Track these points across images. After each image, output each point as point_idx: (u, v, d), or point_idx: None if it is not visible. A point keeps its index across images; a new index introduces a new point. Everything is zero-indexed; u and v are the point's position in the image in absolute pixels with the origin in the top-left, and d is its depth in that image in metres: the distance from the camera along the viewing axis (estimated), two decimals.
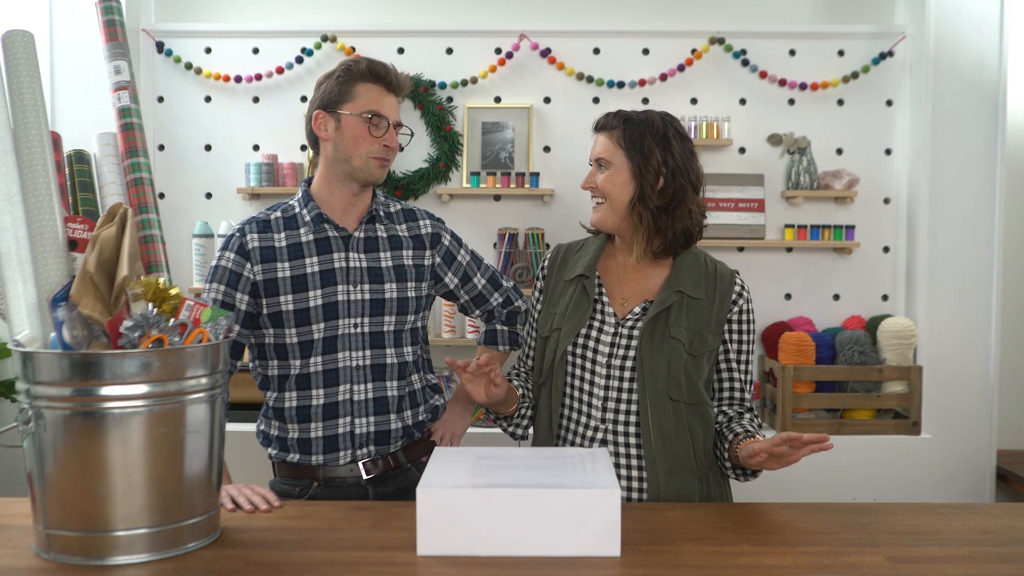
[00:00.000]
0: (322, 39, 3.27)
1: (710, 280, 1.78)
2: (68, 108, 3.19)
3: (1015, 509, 1.61)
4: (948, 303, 3.21)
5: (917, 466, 3.11)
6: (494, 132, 3.29)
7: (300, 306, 1.80)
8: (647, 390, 1.71)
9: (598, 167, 1.79)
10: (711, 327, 1.75)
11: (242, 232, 1.84)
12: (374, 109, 1.80)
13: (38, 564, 1.31)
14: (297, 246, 1.83)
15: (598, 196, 1.79)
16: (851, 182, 3.24)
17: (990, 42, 3.17)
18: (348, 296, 1.82)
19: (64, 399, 1.29)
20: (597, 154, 1.79)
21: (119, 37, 2.01)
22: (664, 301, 1.73)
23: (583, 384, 1.76)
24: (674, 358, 1.71)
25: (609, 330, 1.76)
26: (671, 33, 3.28)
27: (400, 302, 1.86)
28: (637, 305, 1.77)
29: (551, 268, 1.89)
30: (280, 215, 1.86)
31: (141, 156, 1.88)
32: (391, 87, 1.83)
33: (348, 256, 1.83)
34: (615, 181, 1.76)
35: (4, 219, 1.43)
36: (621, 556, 1.34)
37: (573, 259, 1.87)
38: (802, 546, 1.40)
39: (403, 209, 1.96)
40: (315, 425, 1.82)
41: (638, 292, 1.80)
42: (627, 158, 1.76)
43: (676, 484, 1.72)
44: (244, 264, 1.81)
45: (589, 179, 1.80)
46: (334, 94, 1.81)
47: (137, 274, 1.41)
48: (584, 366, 1.76)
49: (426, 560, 1.32)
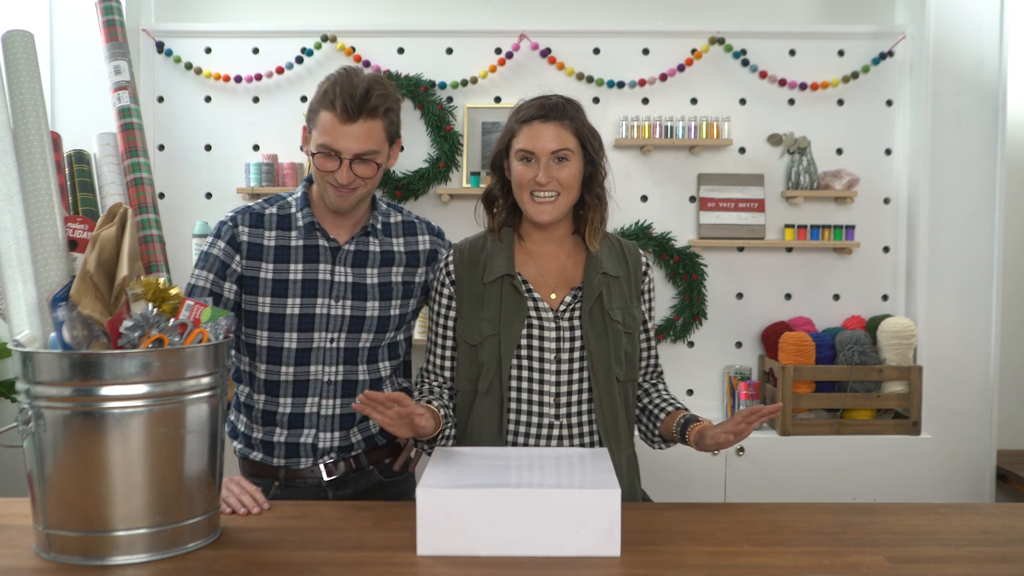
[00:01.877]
0: (322, 39, 3.27)
1: (622, 256, 1.81)
2: (68, 108, 3.19)
3: (1015, 509, 1.61)
4: (948, 303, 3.21)
5: (917, 466, 3.11)
6: (494, 132, 3.29)
7: (277, 311, 1.76)
8: (599, 376, 1.71)
9: (555, 160, 1.70)
10: (633, 302, 1.79)
11: (235, 222, 1.78)
12: (325, 142, 1.67)
13: (38, 564, 1.31)
14: (285, 249, 1.77)
15: (551, 190, 1.70)
16: (851, 182, 3.24)
17: (990, 42, 3.17)
18: (328, 310, 1.77)
19: (64, 399, 1.29)
20: (557, 146, 1.69)
21: (119, 37, 2.01)
22: (595, 286, 1.73)
23: (532, 384, 1.72)
24: (616, 340, 1.73)
25: (550, 325, 1.73)
26: (671, 33, 3.28)
27: (381, 320, 1.81)
28: (567, 294, 1.75)
29: (459, 272, 1.78)
30: (275, 211, 1.80)
31: (141, 156, 1.88)
32: (347, 116, 1.65)
33: (334, 269, 1.78)
34: (574, 172, 1.72)
35: (4, 219, 1.43)
36: (621, 556, 1.34)
37: (482, 259, 1.77)
38: (802, 546, 1.40)
39: (404, 221, 1.88)
40: (280, 431, 1.80)
41: (563, 281, 1.77)
42: (581, 146, 1.73)
43: (625, 462, 1.76)
44: (233, 256, 1.77)
45: (546, 174, 1.69)
46: (310, 111, 1.72)
47: (137, 274, 1.41)
48: (531, 366, 1.72)
49: (426, 560, 1.32)
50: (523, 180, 1.71)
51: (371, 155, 1.69)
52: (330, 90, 1.66)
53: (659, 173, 3.32)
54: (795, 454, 3.05)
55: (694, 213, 3.34)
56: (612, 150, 3.30)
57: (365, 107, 1.65)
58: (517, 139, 1.72)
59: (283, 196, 1.84)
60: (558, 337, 1.73)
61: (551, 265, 1.78)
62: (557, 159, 1.70)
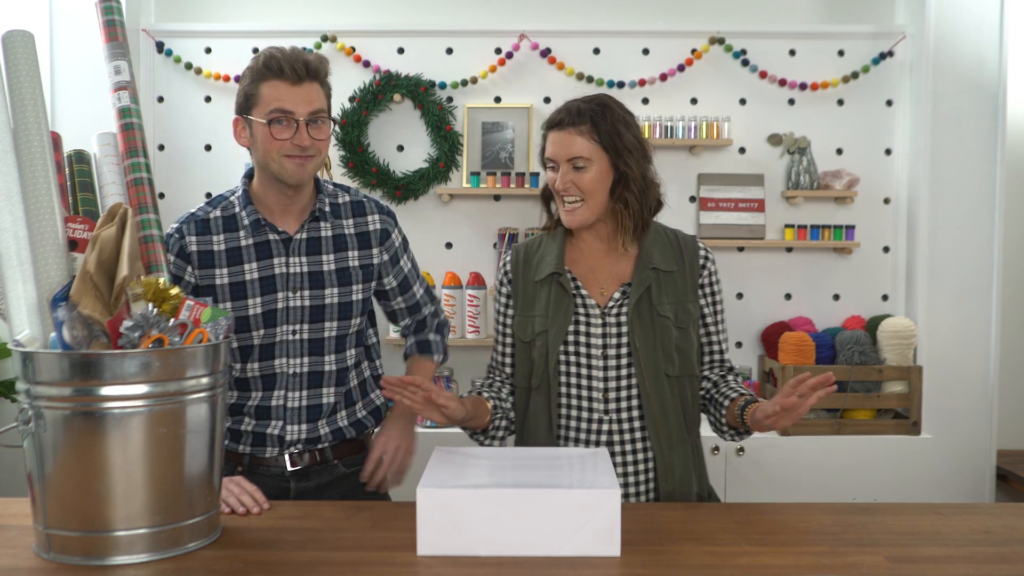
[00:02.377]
0: (322, 39, 3.27)
1: (676, 250, 1.81)
2: (68, 108, 3.19)
3: (1015, 509, 1.61)
4: (948, 303, 3.21)
5: (917, 466, 3.11)
6: (494, 132, 3.29)
7: (239, 314, 1.75)
8: (645, 372, 1.72)
9: (572, 168, 1.73)
10: (689, 296, 1.78)
11: (180, 233, 1.78)
12: (278, 107, 1.67)
13: (38, 564, 1.31)
14: (236, 251, 1.76)
15: (575, 196, 1.74)
16: (851, 182, 3.24)
17: (990, 42, 3.17)
18: (288, 303, 1.77)
19: (64, 399, 1.29)
20: (572, 154, 1.72)
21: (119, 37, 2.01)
22: (643, 282, 1.75)
23: (580, 380, 1.76)
24: (665, 335, 1.73)
25: (596, 322, 1.75)
26: (671, 33, 3.28)
27: (342, 307, 1.80)
28: (616, 291, 1.77)
29: (515, 272, 1.84)
30: (220, 214, 1.79)
31: (141, 156, 1.87)
32: (296, 76, 1.67)
33: (288, 261, 1.77)
34: (595, 178, 1.73)
35: (4, 219, 1.43)
36: (621, 556, 1.34)
37: (536, 259, 1.83)
38: (802, 546, 1.40)
39: (352, 201, 1.86)
40: (248, 420, 1.80)
41: (612, 278, 1.79)
42: (604, 151, 1.73)
43: (679, 457, 1.75)
44: (184, 268, 1.76)
45: (564, 181, 1.73)
46: (243, 98, 1.72)
47: (137, 274, 1.41)
48: (579, 363, 1.75)
49: (426, 560, 1.32)
50: (552, 185, 1.77)
51: (322, 115, 1.71)
52: (270, 61, 1.68)
53: (659, 173, 3.29)
54: (795, 454, 3.05)
55: (694, 213, 3.34)
56: None
57: (310, 68, 1.69)
58: (544, 147, 1.78)
59: (225, 196, 1.83)
60: (604, 334, 1.75)
61: (602, 262, 1.81)
62: (574, 167, 1.73)
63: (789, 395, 1.55)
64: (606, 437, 1.74)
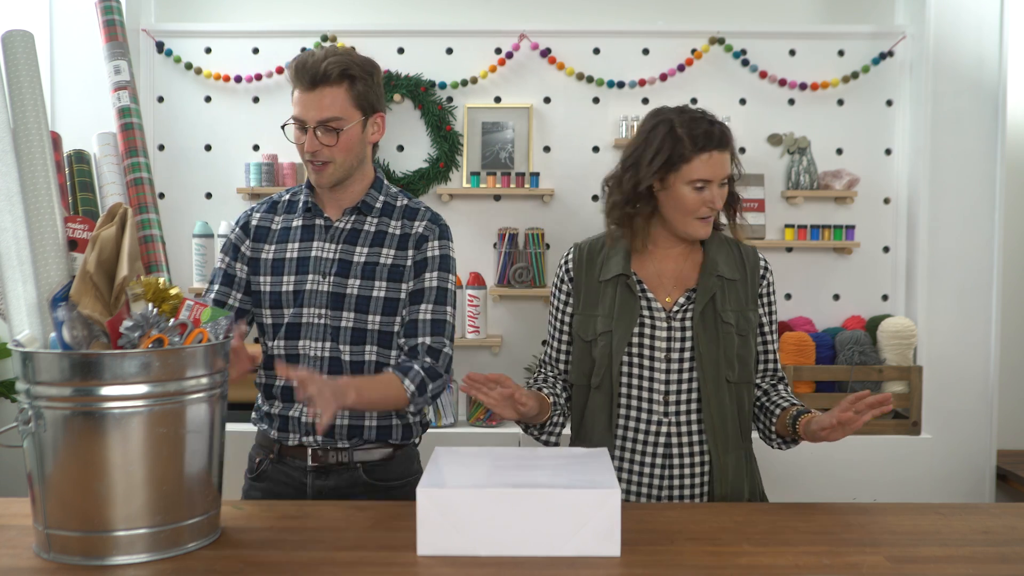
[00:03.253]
0: (322, 39, 3.27)
1: (739, 259, 1.85)
2: (68, 108, 3.19)
3: (1015, 509, 1.61)
4: (948, 303, 3.20)
5: (917, 466, 3.11)
6: (494, 132, 3.29)
7: (275, 289, 1.82)
8: (707, 377, 1.75)
9: (719, 185, 1.77)
10: (750, 304, 1.81)
11: (251, 210, 1.91)
12: (294, 113, 1.76)
13: (38, 564, 1.31)
14: (287, 230, 1.86)
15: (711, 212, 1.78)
16: (851, 182, 3.24)
17: (990, 42, 3.17)
18: (316, 286, 1.80)
19: (64, 399, 1.29)
20: (724, 174, 1.77)
21: (119, 37, 2.01)
22: (709, 288, 1.78)
23: (642, 382, 1.77)
24: (727, 342, 1.76)
25: (662, 325, 1.78)
26: (671, 33, 3.28)
27: (360, 300, 1.79)
28: (681, 295, 1.80)
29: (578, 270, 1.86)
30: (288, 198, 1.91)
31: (141, 156, 1.88)
32: (307, 83, 1.72)
33: (324, 246, 1.82)
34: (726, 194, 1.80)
35: (4, 219, 1.43)
36: (621, 556, 1.34)
37: (600, 259, 1.85)
38: (802, 546, 1.40)
39: (409, 206, 1.87)
40: (276, 403, 1.84)
41: (678, 282, 1.82)
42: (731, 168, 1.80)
43: (733, 461, 1.78)
44: (244, 239, 1.87)
45: (719, 199, 1.77)
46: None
47: (137, 274, 1.41)
48: (642, 364, 1.77)
49: (426, 560, 1.32)
50: (694, 205, 1.76)
51: (333, 122, 1.73)
52: (292, 67, 1.76)
53: None
54: (795, 454, 3.04)
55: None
56: (612, 150, 3.31)
57: (318, 73, 1.71)
58: (692, 167, 1.74)
59: (301, 186, 1.91)
60: (669, 337, 1.77)
61: (669, 267, 1.84)
62: (720, 184, 1.78)
63: (846, 410, 1.60)
64: (664, 439, 1.76)
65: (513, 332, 3.34)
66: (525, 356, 3.33)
